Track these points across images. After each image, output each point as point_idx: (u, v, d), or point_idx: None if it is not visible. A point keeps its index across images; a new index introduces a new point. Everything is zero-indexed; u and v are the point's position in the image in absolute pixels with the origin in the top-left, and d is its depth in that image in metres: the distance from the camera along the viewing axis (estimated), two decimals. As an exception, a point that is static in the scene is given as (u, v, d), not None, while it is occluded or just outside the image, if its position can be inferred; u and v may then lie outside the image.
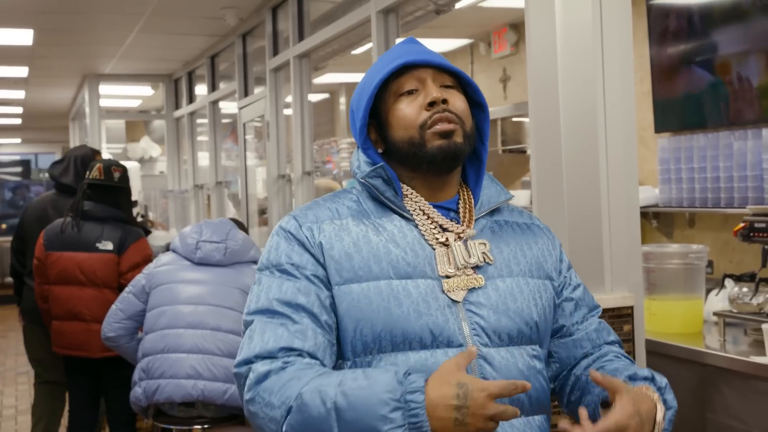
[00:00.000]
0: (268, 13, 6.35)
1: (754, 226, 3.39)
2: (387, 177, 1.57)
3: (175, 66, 9.37)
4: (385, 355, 1.48)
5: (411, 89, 1.59)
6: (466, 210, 1.63)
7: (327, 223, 1.56)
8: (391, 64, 1.59)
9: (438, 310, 1.50)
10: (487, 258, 1.57)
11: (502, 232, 1.64)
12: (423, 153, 1.56)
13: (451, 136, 1.56)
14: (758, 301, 3.35)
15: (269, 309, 1.51)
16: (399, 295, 1.50)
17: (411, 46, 1.65)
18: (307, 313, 1.50)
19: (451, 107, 1.57)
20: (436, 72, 1.60)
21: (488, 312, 1.53)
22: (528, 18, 2.93)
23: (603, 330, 1.72)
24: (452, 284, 1.53)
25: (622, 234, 2.88)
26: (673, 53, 4.65)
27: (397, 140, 1.58)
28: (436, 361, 1.46)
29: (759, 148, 4.08)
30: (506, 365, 1.51)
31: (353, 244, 1.53)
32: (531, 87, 2.95)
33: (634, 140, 2.92)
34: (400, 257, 1.53)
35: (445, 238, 1.57)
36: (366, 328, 1.49)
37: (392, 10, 4.41)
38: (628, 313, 2.82)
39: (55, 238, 4.15)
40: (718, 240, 4.49)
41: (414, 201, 1.59)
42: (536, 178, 2.94)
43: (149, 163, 12.16)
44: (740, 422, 3.10)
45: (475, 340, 1.50)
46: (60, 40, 7.72)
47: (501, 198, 1.67)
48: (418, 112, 1.57)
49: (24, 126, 16.20)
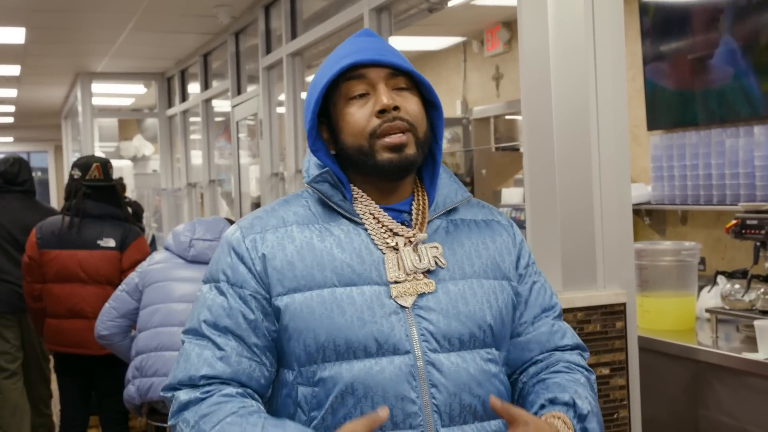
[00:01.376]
0: (260, 11, 6.35)
1: (746, 223, 3.40)
2: (334, 181, 1.52)
3: (168, 64, 9.36)
4: (329, 364, 1.45)
5: (362, 93, 1.51)
6: (419, 212, 1.57)
7: (271, 232, 1.52)
8: (339, 64, 1.51)
9: (383, 317, 1.46)
10: (438, 262, 1.52)
11: (457, 232, 1.59)
12: (372, 163, 1.50)
13: (403, 149, 1.49)
14: (750, 297, 3.36)
15: (197, 331, 1.51)
16: (342, 303, 1.46)
17: (365, 41, 1.57)
18: (234, 336, 1.48)
19: (403, 114, 1.50)
20: (390, 73, 1.52)
21: (438, 316, 1.48)
22: (520, 16, 2.94)
23: (557, 333, 1.64)
24: (401, 290, 1.48)
25: (615, 231, 2.89)
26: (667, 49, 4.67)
27: (347, 146, 1.52)
28: (381, 369, 1.44)
29: (750, 146, 4.09)
30: (456, 370, 1.47)
31: (296, 252, 1.50)
32: (523, 85, 2.95)
33: (626, 137, 2.93)
34: (345, 263, 1.49)
35: (395, 242, 1.52)
36: (309, 338, 1.46)
37: (385, 8, 4.41)
38: (621, 310, 2.83)
39: (51, 236, 4.14)
40: (710, 237, 4.51)
41: (364, 205, 1.54)
42: (529, 176, 2.94)
43: (142, 161, 12.16)
44: (732, 418, 3.11)
45: (423, 346, 1.46)
46: (52, 38, 7.70)
47: (458, 197, 1.61)
48: (368, 118, 1.50)
49: (16, 124, 16.15)
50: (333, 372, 1.45)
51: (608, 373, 2.81)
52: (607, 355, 2.81)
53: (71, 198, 4.19)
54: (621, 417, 2.83)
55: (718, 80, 4.33)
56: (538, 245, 2.91)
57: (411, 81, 1.54)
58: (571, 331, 1.67)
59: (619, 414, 2.82)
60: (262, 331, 1.49)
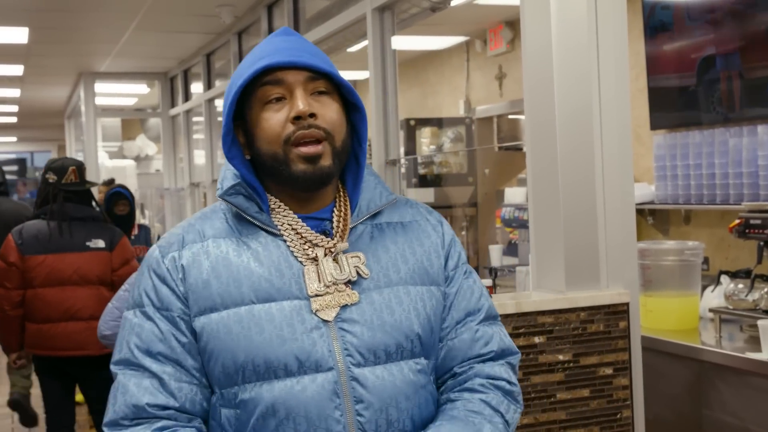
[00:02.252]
0: (263, 10, 6.35)
1: (749, 222, 3.40)
2: (248, 193, 1.45)
3: (171, 64, 9.36)
4: (249, 385, 1.39)
5: (278, 96, 1.43)
6: (341, 219, 1.49)
7: (188, 249, 1.45)
8: (254, 66, 1.42)
9: (304, 334, 1.39)
10: (361, 272, 1.45)
11: (382, 237, 1.51)
12: (287, 172, 1.43)
13: (317, 160, 1.42)
14: (754, 297, 3.36)
15: (131, 361, 1.43)
16: (261, 320, 1.39)
17: (283, 40, 1.48)
18: (170, 361, 1.42)
19: (320, 121, 1.42)
20: (308, 76, 1.43)
21: (361, 329, 1.41)
22: (523, 15, 2.93)
23: (480, 340, 1.53)
24: (322, 303, 1.41)
25: (618, 230, 2.89)
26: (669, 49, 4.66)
27: (263, 152, 1.44)
28: (303, 388, 1.38)
29: (754, 145, 4.08)
30: (381, 385, 1.40)
31: (211, 270, 1.42)
32: (526, 84, 2.95)
33: (629, 137, 2.92)
34: (263, 278, 1.42)
35: (315, 254, 1.45)
36: (227, 360, 1.39)
37: (388, 8, 4.41)
38: (624, 310, 2.82)
39: (34, 241, 4.12)
40: (713, 236, 4.50)
41: (282, 215, 1.47)
42: (532, 175, 2.94)
43: (145, 161, 12.17)
44: (736, 418, 3.11)
45: (346, 361, 1.39)
46: (55, 38, 7.71)
47: (383, 201, 1.53)
48: (283, 124, 1.42)
49: (19, 124, 16.17)
50: (253, 393, 1.39)
51: (611, 373, 2.80)
52: (610, 355, 2.80)
53: (51, 202, 4.18)
54: (624, 417, 2.82)
55: (721, 79, 4.32)
56: (541, 245, 2.91)
57: (331, 84, 1.46)
58: (499, 335, 1.56)
59: (622, 414, 2.82)
60: (197, 352, 1.43)
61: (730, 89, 4.30)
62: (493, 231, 5.72)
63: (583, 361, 2.78)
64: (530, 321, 2.72)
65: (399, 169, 4.59)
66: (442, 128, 6.38)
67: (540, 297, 2.79)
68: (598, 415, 2.80)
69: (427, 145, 6.23)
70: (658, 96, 4.77)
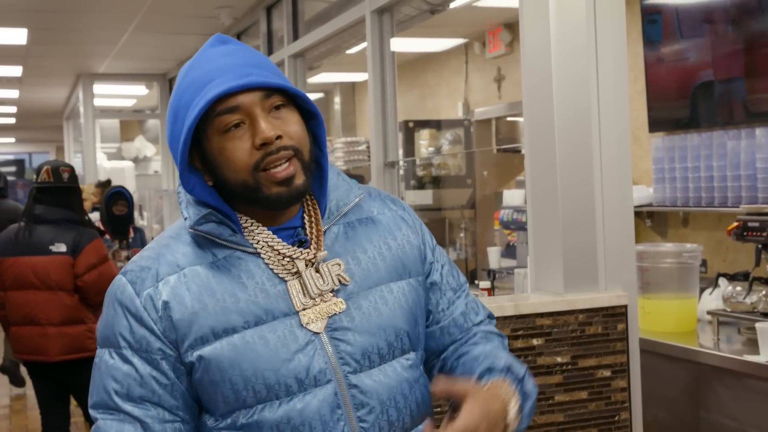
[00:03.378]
0: (262, 12, 6.35)
1: (747, 225, 3.40)
2: (219, 219, 1.40)
3: (170, 65, 9.37)
4: (250, 409, 1.37)
5: (236, 122, 1.36)
6: (313, 225, 1.46)
7: (164, 283, 1.38)
8: (205, 97, 1.34)
9: (299, 351, 1.38)
10: (342, 279, 1.43)
11: (357, 235, 1.49)
12: (260, 197, 1.38)
13: (291, 181, 1.37)
14: (752, 300, 3.36)
15: (110, 405, 1.38)
16: (255, 345, 1.36)
17: (223, 54, 1.40)
18: (152, 404, 1.37)
19: (286, 140, 1.37)
20: (263, 94, 1.37)
21: (354, 336, 1.41)
22: (522, 17, 2.93)
23: (470, 312, 1.60)
24: (311, 316, 1.40)
25: (616, 233, 2.89)
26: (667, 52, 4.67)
27: (230, 181, 1.38)
28: (306, 405, 1.37)
29: (752, 148, 4.09)
30: (379, 388, 1.41)
31: (197, 301, 1.37)
32: (525, 86, 2.95)
33: (627, 139, 2.92)
34: (250, 301, 1.38)
35: (296, 267, 1.42)
36: (227, 389, 1.36)
37: (387, 10, 4.41)
38: (622, 312, 2.83)
39: (9, 243, 4.12)
40: (711, 239, 4.50)
41: (256, 233, 1.42)
42: (530, 178, 2.94)
43: (144, 162, 12.17)
44: (734, 420, 3.11)
45: (343, 370, 1.39)
46: (54, 39, 7.71)
47: (351, 198, 1.50)
48: (249, 152, 1.36)
49: (18, 125, 16.17)
50: (257, 417, 1.37)
51: (609, 375, 2.81)
52: (608, 357, 2.80)
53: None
54: (622, 419, 2.82)
55: (720, 82, 4.33)
56: (540, 247, 2.91)
57: (285, 94, 1.40)
58: (480, 302, 1.65)
59: (620, 416, 2.82)
60: (180, 391, 1.39)
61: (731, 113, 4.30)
62: (491, 233, 5.73)
63: (582, 364, 2.78)
64: (528, 323, 2.72)
65: (398, 171, 4.59)
66: (441, 130, 6.38)
67: (538, 299, 2.79)
68: (596, 418, 2.80)
69: (425, 147, 6.23)
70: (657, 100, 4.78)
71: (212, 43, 1.44)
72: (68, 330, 4.09)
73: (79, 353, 4.09)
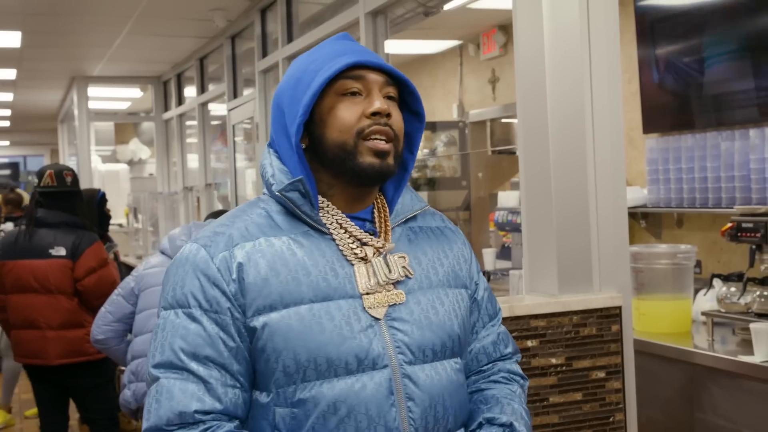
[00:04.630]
0: (256, 14, 6.35)
1: (741, 226, 3.40)
2: (305, 190, 1.45)
3: (164, 68, 9.36)
4: (310, 383, 1.39)
5: (355, 91, 1.47)
6: (382, 220, 1.53)
7: (239, 248, 1.43)
8: (340, 61, 1.46)
9: (361, 332, 1.42)
10: (407, 272, 1.49)
11: (418, 240, 1.57)
12: (353, 163, 1.45)
13: (386, 156, 1.46)
14: (746, 300, 3.36)
15: (175, 363, 1.40)
16: (321, 319, 1.40)
17: (354, 45, 1.54)
18: (216, 365, 1.40)
19: (393, 123, 1.47)
20: (385, 80, 1.49)
21: (411, 327, 1.46)
22: (516, 19, 2.94)
23: (501, 342, 1.66)
24: (373, 301, 1.45)
25: (610, 234, 2.89)
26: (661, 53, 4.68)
27: (329, 141, 1.46)
28: (363, 386, 1.40)
29: (746, 149, 4.10)
30: (431, 383, 1.45)
31: (269, 268, 1.41)
32: (519, 88, 2.95)
33: (621, 141, 2.93)
34: (320, 277, 1.43)
35: (364, 253, 1.47)
36: (288, 359, 1.39)
37: (381, 12, 4.42)
38: (617, 314, 2.83)
39: (10, 246, 4.13)
40: (706, 240, 4.51)
41: (330, 214, 1.49)
42: (524, 179, 2.94)
43: (138, 165, 12.14)
44: (728, 421, 3.11)
45: (399, 359, 1.43)
46: (48, 42, 7.70)
47: (415, 206, 1.59)
48: (359, 117, 1.46)
49: (12, 128, 16.15)
50: (314, 392, 1.39)
51: (604, 377, 2.81)
52: (602, 359, 2.81)
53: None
54: (617, 420, 2.83)
55: (713, 83, 4.33)
56: (534, 248, 2.91)
57: (396, 93, 1.52)
58: (510, 336, 1.70)
59: (614, 417, 2.82)
60: (243, 356, 1.42)
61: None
62: (486, 234, 5.73)
63: (576, 365, 2.78)
64: (523, 325, 2.73)
65: (392, 172, 4.59)
66: (436, 132, 6.39)
67: (533, 300, 2.79)
68: (591, 419, 2.80)
69: (420, 149, 6.23)
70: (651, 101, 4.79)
71: (339, 37, 1.57)
72: (67, 334, 4.10)
73: (78, 357, 4.10)
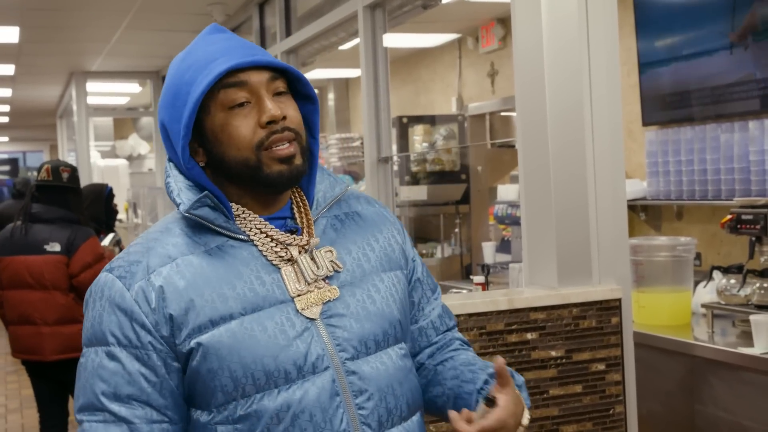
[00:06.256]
0: (255, 9, 6.34)
1: (741, 218, 3.40)
2: (214, 203, 1.38)
3: (163, 62, 9.35)
4: (249, 398, 1.34)
5: (243, 101, 1.38)
6: (303, 215, 1.47)
7: (156, 275, 1.35)
8: (215, 69, 1.36)
9: (297, 338, 1.36)
10: (336, 266, 1.44)
11: (344, 228, 1.51)
12: (261, 176, 1.38)
13: (292, 160, 1.39)
14: (746, 292, 3.36)
15: (96, 406, 1.33)
16: (254, 331, 1.34)
17: (226, 39, 1.43)
18: (140, 403, 1.34)
19: (289, 123, 1.39)
20: (270, 76, 1.39)
21: (350, 322, 1.41)
22: (514, 12, 2.93)
23: (445, 315, 1.63)
24: (306, 302, 1.39)
25: (610, 227, 2.89)
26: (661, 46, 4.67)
27: (230, 159, 1.39)
28: (305, 392, 1.36)
29: (745, 141, 4.09)
30: (377, 374, 1.41)
31: (192, 289, 1.35)
32: (518, 81, 2.95)
33: (620, 133, 2.92)
34: (246, 288, 1.37)
35: (289, 254, 1.41)
36: (225, 378, 1.33)
37: (379, 5, 4.41)
38: (616, 306, 2.83)
39: (6, 242, 4.13)
40: (705, 232, 4.51)
41: (248, 220, 1.42)
42: (524, 172, 2.94)
43: (138, 160, 12.15)
44: (728, 413, 3.12)
45: (341, 357, 1.39)
46: (46, 37, 7.69)
47: (336, 191, 1.52)
48: (254, 130, 1.37)
49: (11, 124, 16.14)
50: (256, 407, 1.34)
51: (604, 369, 2.81)
52: (602, 351, 2.81)
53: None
54: (617, 413, 2.83)
55: (712, 75, 4.33)
56: (534, 241, 2.91)
57: (285, 82, 1.43)
58: (449, 309, 1.67)
59: (615, 409, 2.82)
60: (169, 389, 1.36)
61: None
62: (486, 228, 5.73)
63: (576, 357, 2.78)
64: (523, 317, 2.73)
65: (391, 166, 4.58)
66: (435, 125, 6.38)
67: (532, 293, 2.79)
68: (591, 411, 2.80)
69: (419, 143, 6.23)
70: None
71: (209, 31, 1.46)
72: (63, 329, 4.10)
73: (74, 352, 4.10)
